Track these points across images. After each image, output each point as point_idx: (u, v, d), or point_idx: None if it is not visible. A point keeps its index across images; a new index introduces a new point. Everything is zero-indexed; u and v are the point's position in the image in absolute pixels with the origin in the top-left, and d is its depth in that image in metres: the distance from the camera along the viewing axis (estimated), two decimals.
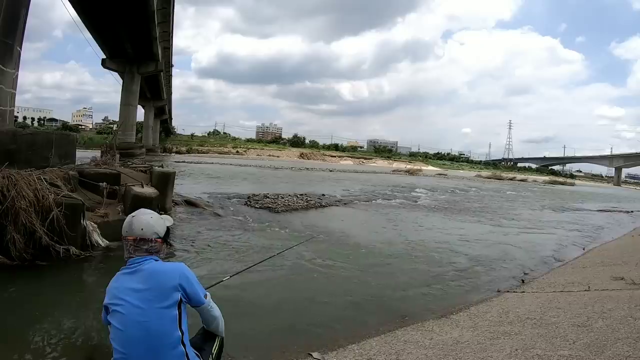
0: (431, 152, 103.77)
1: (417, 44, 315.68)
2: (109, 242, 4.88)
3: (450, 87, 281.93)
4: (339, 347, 2.78)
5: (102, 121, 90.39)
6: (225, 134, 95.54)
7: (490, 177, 50.55)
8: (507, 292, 4.39)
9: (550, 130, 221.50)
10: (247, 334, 2.98)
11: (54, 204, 4.23)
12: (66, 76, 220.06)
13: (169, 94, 49.31)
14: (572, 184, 57.22)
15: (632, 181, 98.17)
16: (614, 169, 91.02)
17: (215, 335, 1.87)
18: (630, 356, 2.26)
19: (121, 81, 29.38)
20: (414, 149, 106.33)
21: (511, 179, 50.79)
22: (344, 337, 3.00)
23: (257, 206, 9.38)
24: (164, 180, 7.21)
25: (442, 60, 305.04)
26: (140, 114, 39.43)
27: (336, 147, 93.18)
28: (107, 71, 29.40)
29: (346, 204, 11.92)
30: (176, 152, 55.26)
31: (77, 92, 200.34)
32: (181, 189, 10.19)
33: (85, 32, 23.09)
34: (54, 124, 73.58)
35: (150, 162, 12.42)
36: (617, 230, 10.92)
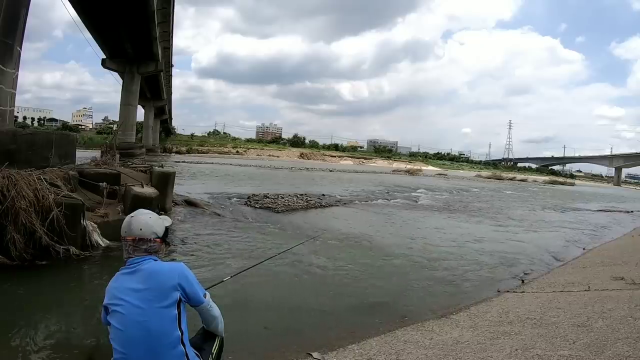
0: (431, 152, 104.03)
1: (417, 44, 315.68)
2: (109, 242, 4.88)
3: (450, 87, 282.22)
4: (339, 347, 2.78)
5: (102, 121, 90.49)
6: (225, 134, 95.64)
7: (490, 177, 50.56)
8: (507, 292, 4.39)
9: (550, 130, 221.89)
10: (247, 334, 2.98)
11: (54, 204, 4.23)
12: (66, 76, 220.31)
13: (169, 94, 49.32)
14: (572, 184, 57.26)
15: (632, 181, 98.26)
16: (614, 169, 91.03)
17: (215, 335, 1.87)
18: (630, 356, 2.26)
19: (121, 81, 29.40)
20: (414, 149, 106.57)
21: (511, 179, 50.82)
22: (344, 337, 3.00)
23: (257, 206, 9.38)
24: (164, 180, 7.21)
25: (442, 60, 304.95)
26: (140, 114, 39.56)
27: (336, 147, 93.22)
28: (107, 71, 29.48)
29: (346, 204, 11.92)
30: (176, 152, 55.26)
31: (77, 92, 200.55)
32: (181, 189, 10.19)
33: (85, 32, 23.14)
34: (54, 124, 73.58)
35: (150, 162, 12.42)
36: (617, 230, 10.92)
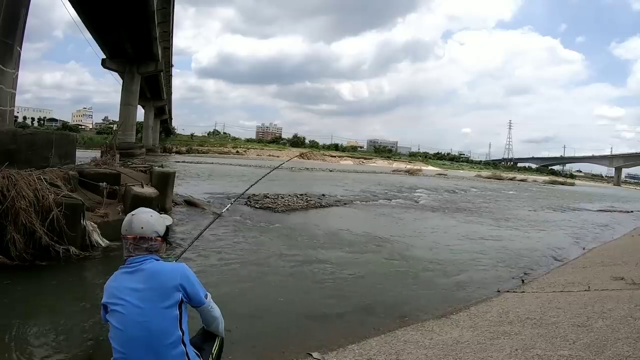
0: (431, 152, 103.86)
1: (417, 44, 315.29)
2: (109, 242, 4.88)
3: (450, 87, 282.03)
4: (339, 347, 2.78)
5: (102, 121, 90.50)
6: (225, 134, 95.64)
7: (490, 177, 50.52)
8: (507, 292, 4.39)
9: (550, 130, 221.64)
10: (246, 334, 2.98)
11: (54, 204, 4.23)
12: (66, 76, 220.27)
13: (169, 94, 49.32)
14: (572, 184, 57.22)
15: (632, 181, 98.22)
16: (614, 169, 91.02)
17: (215, 335, 1.87)
18: (630, 356, 2.26)
19: (121, 81, 29.41)
20: (414, 149, 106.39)
21: (511, 179, 50.80)
22: (344, 337, 3.00)
23: (257, 206, 9.39)
24: (164, 180, 7.21)
25: (442, 60, 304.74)
26: (140, 114, 39.52)
27: (336, 147, 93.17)
28: (107, 71, 29.51)
29: (346, 204, 11.92)
30: (176, 152, 55.22)
31: (77, 92, 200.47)
32: (181, 189, 10.20)
33: (85, 32, 23.16)
34: (54, 124, 73.54)
35: (150, 162, 12.42)
36: (617, 230, 10.92)
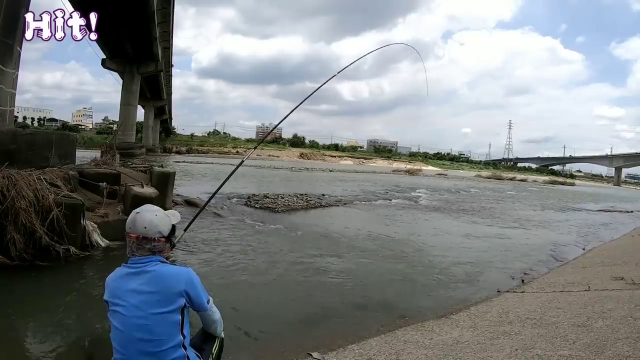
0: (431, 152, 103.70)
1: (418, 45, 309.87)
2: (109, 242, 4.89)
3: (450, 87, 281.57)
4: (339, 347, 2.78)
5: (102, 121, 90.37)
6: (225, 134, 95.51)
7: (490, 177, 50.55)
8: (507, 292, 4.39)
9: (550, 130, 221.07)
10: (246, 334, 2.98)
11: (54, 204, 4.22)
12: (66, 76, 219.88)
13: (169, 94, 49.32)
14: (572, 184, 57.23)
15: (632, 181, 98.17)
16: (614, 169, 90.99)
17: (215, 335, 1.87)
18: (630, 356, 2.26)
19: (121, 81, 29.42)
20: (414, 149, 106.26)
21: (511, 179, 50.82)
22: (344, 337, 3.00)
23: (257, 206, 9.38)
24: (164, 180, 7.20)
25: (443, 60, 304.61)
26: (140, 114, 39.54)
27: (336, 147, 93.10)
28: (107, 71, 29.54)
29: (346, 204, 11.92)
30: (176, 152, 55.18)
31: (77, 92, 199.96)
32: (181, 189, 10.20)
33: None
34: (54, 124, 73.47)
35: (150, 162, 12.42)
36: (617, 230, 10.92)
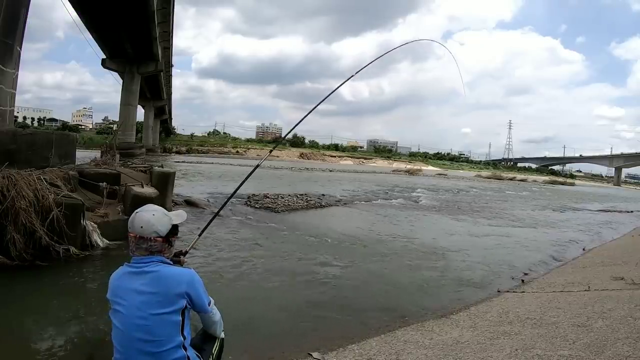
0: (431, 152, 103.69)
1: (418, 45, 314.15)
2: (108, 242, 4.89)
3: (450, 87, 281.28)
4: (339, 347, 2.78)
5: (102, 121, 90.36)
6: (225, 134, 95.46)
7: (490, 177, 50.53)
8: (507, 292, 4.39)
9: (550, 130, 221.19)
10: (247, 334, 2.98)
11: (54, 204, 4.22)
12: (67, 76, 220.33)
13: (169, 94, 49.29)
14: (572, 184, 57.20)
15: (632, 181, 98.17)
16: (614, 169, 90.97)
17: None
18: (630, 356, 2.26)
19: (121, 81, 29.38)
20: (414, 149, 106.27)
21: (511, 179, 50.78)
22: (344, 337, 3.00)
23: (257, 206, 9.38)
24: (164, 180, 7.20)
25: (443, 60, 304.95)
26: (140, 114, 39.50)
27: (336, 147, 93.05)
28: (107, 71, 29.47)
29: (346, 204, 11.92)
30: (176, 152, 55.21)
31: (78, 92, 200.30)
32: (181, 189, 10.19)
33: (85, 32, 23.10)
34: (54, 124, 73.44)
35: (150, 162, 12.41)
36: (617, 230, 10.92)
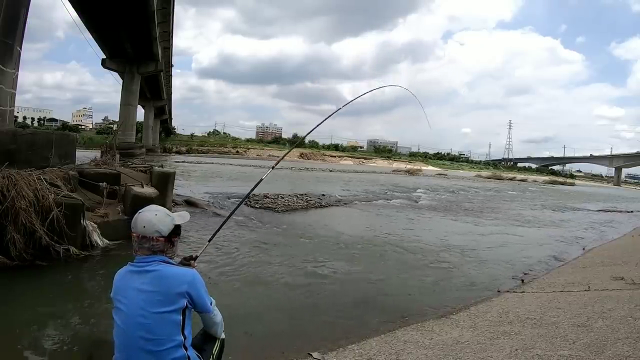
0: (431, 152, 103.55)
1: (418, 45, 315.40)
2: (108, 242, 4.90)
3: (450, 88, 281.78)
4: (339, 347, 2.78)
5: (102, 121, 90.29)
6: (225, 134, 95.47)
7: (490, 177, 50.51)
8: (507, 292, 4.39)
9: (550, 130, 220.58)
10: (247, 334, 2.98)
11: (54, 204, 4.23)
12: (67, 76, 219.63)
13: (169, 94, 49.30)
14: (572, 184, 57.19)
15: (632, 181, 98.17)
16: (614, 169, 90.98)
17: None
18: (630, 356, 2.26)
19: (121, 81, 29.39)
20: (414, 149, 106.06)
21: (511, 179, 50.78)
22: (344, 337, 3.00)
23: (257, 206, 9.38)
24: (164, 180, 7.20)
25: (443, 60, 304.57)
26: (140, 114, 39.51)
27: (336, 147, 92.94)
28: (107, 71, 29.50)
29: (346, 204, 11.92)
30: (176, 152, 55.25)
31: (78, 92, 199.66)
32: (181, 189, 10.19)
33: (85, 32, 23.12)
34: (54, 124, 73.37)
35: (150, 162, 12.41)
36: (617, 230, 10.92)
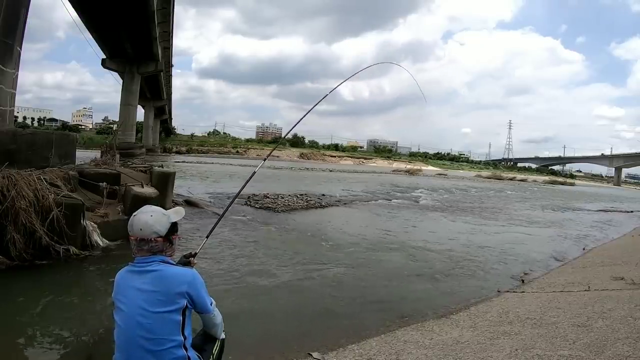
0: (431, 152, 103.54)
1: (418, 45, 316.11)
2: (108, 242, 4.90)
3: (450, 88, 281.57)
4: (339, 347, 2.78)
5: (102, 121, 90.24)
6: (225, 134, 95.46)
7: (490, 177, 50.51)
8: (507, 292, 4.39)
9: (550, 130, 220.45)
10: (247, 335, 2.98)
11: (54, 204, 4.23)
12: (67, 76, 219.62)
13: (169, 94, 49.30)
14: (572, 184, 57.15)
15: (632, 181, 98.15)
16: (614, 169, 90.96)
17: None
18: (630, 356, 2.26)
19: (121, 81, 29.40)
20: (414, 149, 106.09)
21: (511, 179, 50.77)
22: (344, 337, 3.00)
23: (257, 206, 9.38)
24: (164, 180, 7.20)
25: (443, 60, 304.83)
26: (140, 114, 39.55)
27: (336, 147, 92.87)
28: (107, 71, 29.51)
29: (346, 204, 11.92)
30: (176, 152, 55.28)
31: (78, 92, 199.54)
32: (181, 189, 10.20)
33: (85, 32, 23.14)
34: (54, 124, 73.37)
35: (150, 162, 12.41)
36: (617, 230, 10.92)
